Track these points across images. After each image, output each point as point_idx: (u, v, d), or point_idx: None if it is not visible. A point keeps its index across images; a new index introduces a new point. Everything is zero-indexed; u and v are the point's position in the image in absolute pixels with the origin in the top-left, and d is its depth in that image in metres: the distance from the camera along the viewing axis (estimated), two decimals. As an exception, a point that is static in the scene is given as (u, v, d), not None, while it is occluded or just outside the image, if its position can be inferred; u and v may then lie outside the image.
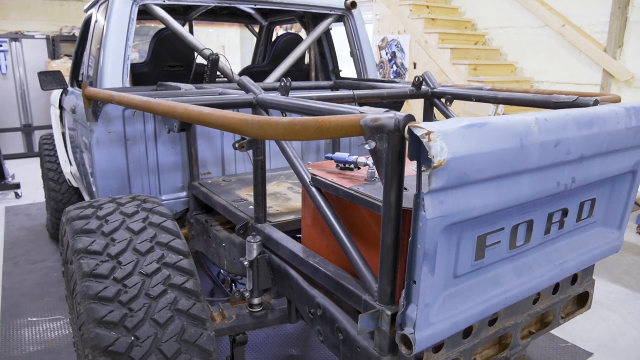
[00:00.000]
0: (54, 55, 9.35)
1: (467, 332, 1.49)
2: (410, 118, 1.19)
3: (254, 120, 1.20)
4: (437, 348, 1.42)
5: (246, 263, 1.95)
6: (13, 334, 3.30)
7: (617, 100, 1.93)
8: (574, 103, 1.89)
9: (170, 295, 1.53)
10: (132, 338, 1.44)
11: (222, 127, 1.31)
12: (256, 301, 2.02)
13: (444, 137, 1.09)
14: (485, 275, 1.39)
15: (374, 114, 1.21)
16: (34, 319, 3.50)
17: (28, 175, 7.63)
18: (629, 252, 4.81)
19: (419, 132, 1.09)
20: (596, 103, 1.81)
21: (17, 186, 6.60)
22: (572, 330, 3.40)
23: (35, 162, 8.75)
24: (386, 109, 1.28)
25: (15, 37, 8.86)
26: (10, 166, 7.08)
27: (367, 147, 1.31)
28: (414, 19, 7.83)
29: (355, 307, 1.50)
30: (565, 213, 1.58)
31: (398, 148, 1.24)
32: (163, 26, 3.00)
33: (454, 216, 1.16)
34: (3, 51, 8.67)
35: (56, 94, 4.53)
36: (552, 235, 1.58)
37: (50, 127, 9.22)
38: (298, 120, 1.16)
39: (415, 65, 7.92)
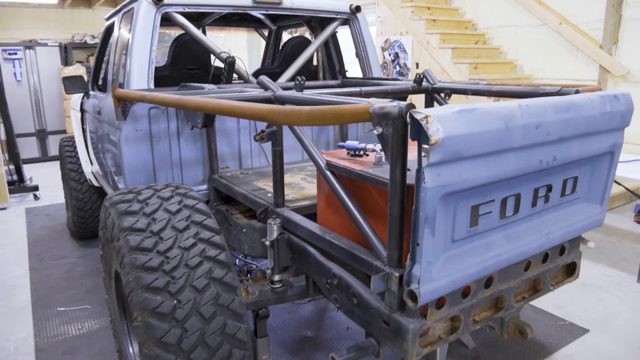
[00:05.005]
0: (66, 61, 9.63)
1: (466, 293, 1.71)
2: (411, 106, 1.42)
3: (279, 109, 1.43)
4: (439, 306, 1.64)
5: (267, 243, 2.17)
6: (45, 323, 3.53)
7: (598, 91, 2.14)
8: (558, 93, 2.11)
9: (205, 265, 1.76)
10: (175, 301, 1.67)
11: (252, 116, 1.53)
12: (276, 278, 2.24)
13: (439, 119, 1.31)
14: (479, 241, 1.61)
15: (380, 103, 1.43)
16: (63, 309, 3.74)
17: (43, 178, 7.89)
18: (627, 239, 5.01)
19: (418, 116, 1.32)
20: (577, 92, 2.03)
21: (36, 188, 6.85)
22: (570, 311, 3.61)
23: (50, 166, 9.04)
24: (390, 99, 1.51)
25: (29, 45, 9.15)
26: (26, 170, 7.33)
27: (375, 132, 1.53)
28: (415, 20, 8.06)
29: (367, 272, 1.72)
30: (549, 188, 1.80)
31: (401, 132, 1.46)
32: (169, 32, 3.23)
33: (449, 186, 1.38)
34: (17, 59, 8.95)
35: (76, 97, 4.78)
36: (538, 208, 1.79)
37: (63, 131, 9.52)
38: (318, 109, 1.39)
39: (417, 65, 8.14)
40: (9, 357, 3.11)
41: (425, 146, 1.32)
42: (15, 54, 8.94)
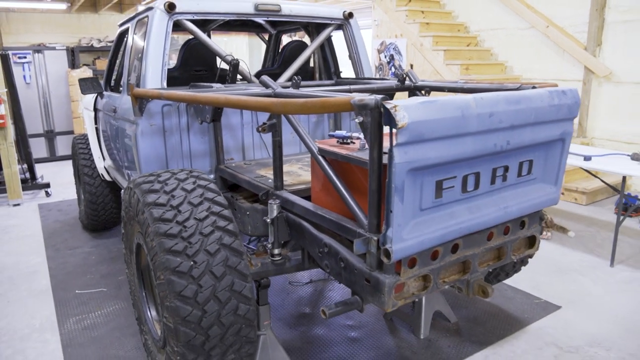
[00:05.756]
0: (73, 64, 9.98)
1: (434, 256, 2.04)
2: (385, 98, 1.75)
3: (278, 101, 1.76)
4: (411, 265, 1.97)
5: (268, 220, 2.50)
6: (65, 303, 3.86)
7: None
8: (518, 89, 2.44)
9: (216, 234, 2.09)
10: (192, 262, 2.01)
11: (256, 108, 1.87)
12: (276, 251, 2.57)
13: (405, 108, 1.65)
14: (444, 211, 1.95)
15: (360, 96, 1.77)
16: (80, 292, 4.07)
17: (53, 177, 8.24)
18: (606, 229, 5.33)
19: (389, 106, 1.65)
20: (533, 88, 2.36)
21: (47, 185, 7.19)
22: (546, 290, 3.94)
23: (58, 165, 9.39)
24: (369, 93, 1.84)
25: (38, 48, 9.50)
26: (36, 169, 7.65)
27: (356, 120, 1.86)
28: (409, 23, 8.40)
29: (352, 239, 2.04)
30: (506, 169, 2.13)
31: (377, 120, 1.79)
32: (176, 37, 3.56)
33: (414, 162, 1.72)
34: (27, 62, 9.30)
35: (89, 98, 5.11)
36: (497, 185, 2.13)
37: (70, 132, 9.87)
38: (309, 100, 1.72)
39: (411, 66, 8.48)
40: (36, 331, 3.44)
41: (394, 130, 1.65)
42: (25, 57, 9.29)
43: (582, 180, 6.44)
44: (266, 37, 5.20)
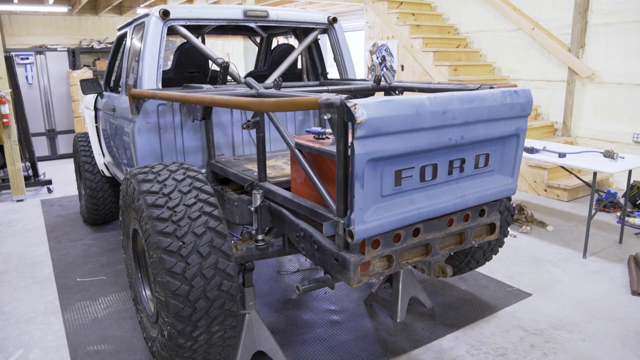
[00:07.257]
0: (74, 65, 10.24)
1: (397, 239, 2.28)
2: (348, 98, 2.00)
3: (255, 100, 2.01)
4: (375, 246, 2.21)
5: (252, 209, 2.75)
6: (67, 290, 4.12)
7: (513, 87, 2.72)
8: (477, 89, 2.69)
9: (203, 218, 2.34)
10: (180, 242, 2.26)
11: (236, 106, 2.12)
12: (260, 237, 2.82)
13: (364, 106, 1.90)
14: (403, 197, 2.19)
15: (327, 96, 2.02)
16: (81, 279, 4.33)
17: (54, 174, 8.50)
18: (583, 224, 5.58)
19: (349, 104, 1.90)
20: (491, 88, 2.61)
21: (49, 182, 7.44)
22: (519, 280, 4.19)
23: (60, 163, 9.65)
24: (335, 93, 2.09)
25: (40, 50, 9.76)
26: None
27: (326, 117, 2.12)
28: (400, 25, 8.66)
29: (323, 223, 2.29)
30: (463, 161, 2.38)
31: (343, 116, 2.04)
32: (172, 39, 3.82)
33: (373, 154, 1.96)
34: (29, 63, 9.56)
35: (89, 98, 5.36)
36: (454, 176, 2.37)
37: (71, 131, 10.12)
38: (281, 99, 1.97)
39: (402, 67, 8.74)
40: (40, 315, 3.70)
41: (354, 125, 1.90)
42: (27, 58, 9.55)
43: (564, 178, 6.68)
44: (258, 39, 5.45)
